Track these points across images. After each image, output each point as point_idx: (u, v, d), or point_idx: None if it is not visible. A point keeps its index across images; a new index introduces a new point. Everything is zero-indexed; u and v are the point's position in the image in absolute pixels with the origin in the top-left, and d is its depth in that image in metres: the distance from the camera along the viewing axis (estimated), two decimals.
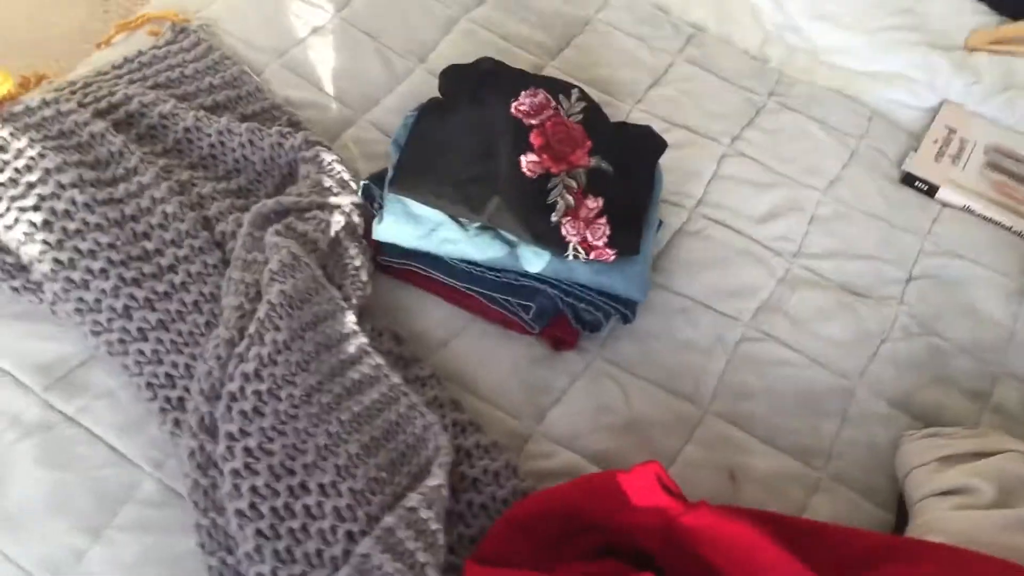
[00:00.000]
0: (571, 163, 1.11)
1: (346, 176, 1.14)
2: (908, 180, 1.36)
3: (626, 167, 1.13)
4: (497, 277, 1.09)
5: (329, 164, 1.13)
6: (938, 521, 0.95)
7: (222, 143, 1.15)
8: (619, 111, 1.35)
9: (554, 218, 1.07)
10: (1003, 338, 1.20)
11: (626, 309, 1.10)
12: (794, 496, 1.03)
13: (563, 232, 1.06)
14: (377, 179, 1.15)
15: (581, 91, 1.20)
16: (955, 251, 1.28)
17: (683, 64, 1.44)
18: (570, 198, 1.08)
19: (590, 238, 1.06)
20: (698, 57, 1.45)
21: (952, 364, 1.17)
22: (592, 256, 1.06)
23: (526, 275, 1.08)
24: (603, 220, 1.07)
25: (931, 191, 1.35)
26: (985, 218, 1.33)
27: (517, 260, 1.07)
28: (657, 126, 1.32)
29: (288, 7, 1.36)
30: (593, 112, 1.18)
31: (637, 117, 1.35)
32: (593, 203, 1.08)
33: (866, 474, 1.06)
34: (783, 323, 1.17)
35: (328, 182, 1.11)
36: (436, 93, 1.23)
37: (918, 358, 1.17)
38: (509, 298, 1.08)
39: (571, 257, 1.06)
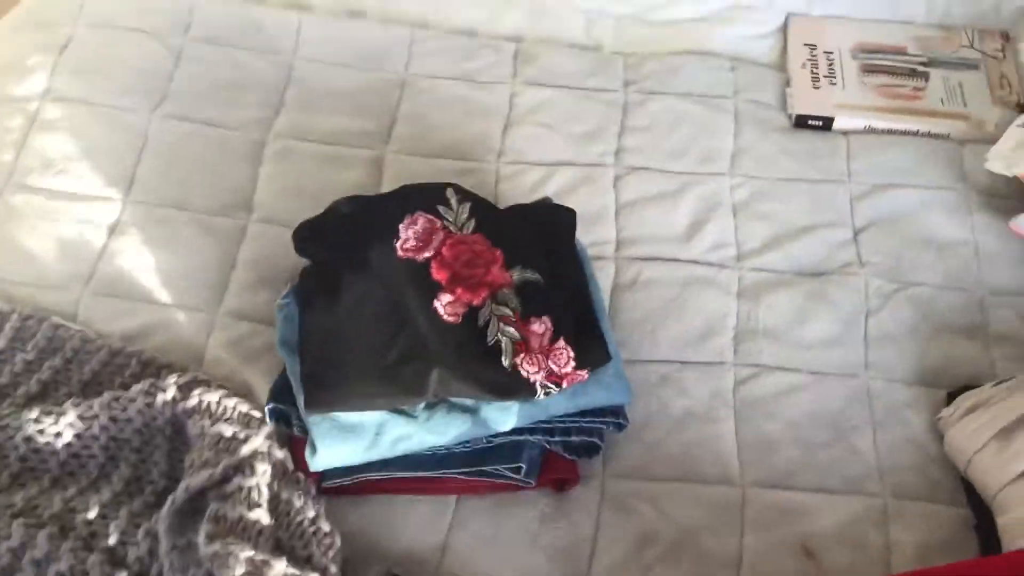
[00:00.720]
0: (491, 285, 0.94)
1: (243, 407, 0.93)
2: (801, 123, 1.25)
3: (550, 264, 0.97)
4: (468, 448, 0.93)
5: (218, 404, 0.92)
6: None
7: (78, 436, 0.91)
8: (486, 176, 1.18)
9: (506, 362, 0.90)
10: (970, 256, 1.13)
11: (616, 417, 0.95)
12: (874, 541, 0.93)
13: (523, 374, 0.90)
14: (281, 393, 0.95)
15: (455, 188, 1.02)
16: (881, 183, 1.19)
17: (524, 89, 1.27)
18: (512, 330, 0.91)
19: (555, 368, 0.90)
20: (535, 74, 1.28)
21: (938, 307, 1.09)
22: (565, 385, 0.90)
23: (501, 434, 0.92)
24: (561, 343, 0.91)
25: (827, 124, 1.25)
26: (890, 131, 1.24)
27: (486, 425, 0.91)
28: (535, 177, 1.18)
29: (65, 214, 1.10)
30: (482, 209, 1.01)
31: (509, 174, 1.18)
32: (540, 326, 0.92)
33: (923, 475, 0.97)
34: (767, 344, 1.05)
35: (228, 429, 0.90)
36: (288, 246, 1.03)
37: (906, 319, 1.08)
38: (493, 468, 0.92)
39: (542, 395, 0.90)
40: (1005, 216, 1.12)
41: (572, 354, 0.91)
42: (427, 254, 0.95)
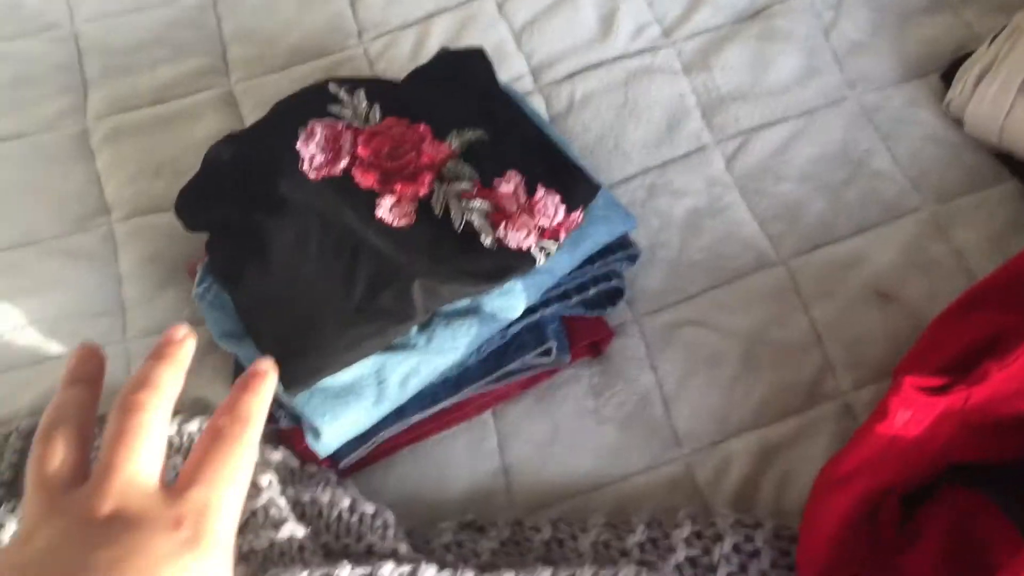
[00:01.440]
0: (431, 165, 0.78)
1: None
2: None
3: (487, 113, 0.80)
4: (483, 354, 0.77)
5: (179, 435, 0.75)
6: None
7: None
8: (358, 63, 0.99)
9: (487, 240, 0.74)
10: None
11: (626, 250, 0.81)
12: (941, 254, 0.82)
13: (513, 244, 0.74)
14: None
15: (335, 81, 0.84)
16: None
17: None
18: (478, 203, 0.75)
19: (546, 223, 0.75)
20: None
21: None
22: (564, 237, 0.75)
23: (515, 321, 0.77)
24: (540, 192, 0.76)
25: None
26: None
27: (494, 319, 0.75)
28: (410, 42, 1.01)
29: None
30: (379, 90, 0.83)
31: (380, 49, 1.00)
32: (508, 185, 0.76)
33: (956, 166, 0.86)
34: (739, 107, 0.92)
35: None
36: (171, 231, 0.86)
37: (864, 19, 0.95)
38: (520, 362, 0.77)
39: (542, 260, 0.75)
40: None
41: (559, 198, 0.75)
42: (343, 164, 0.78)
